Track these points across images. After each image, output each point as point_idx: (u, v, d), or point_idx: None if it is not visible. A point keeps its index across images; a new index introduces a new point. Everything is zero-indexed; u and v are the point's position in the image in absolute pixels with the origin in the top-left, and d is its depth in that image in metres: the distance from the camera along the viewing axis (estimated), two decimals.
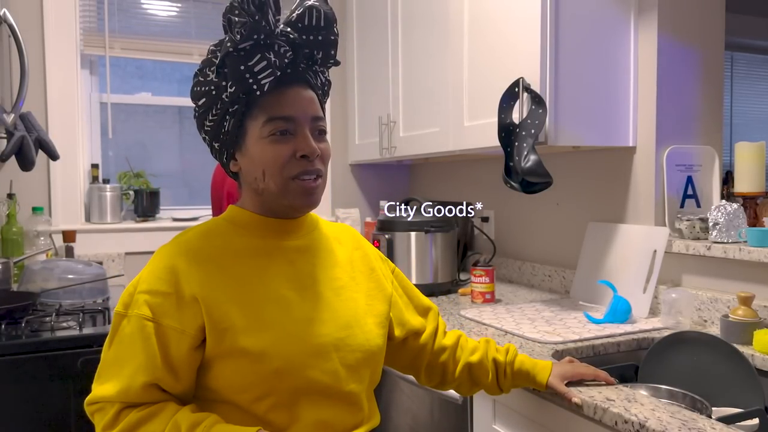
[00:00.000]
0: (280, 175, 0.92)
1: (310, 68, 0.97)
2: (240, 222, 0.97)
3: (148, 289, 0.88)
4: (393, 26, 2.37)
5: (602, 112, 1.69)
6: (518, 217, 2.26)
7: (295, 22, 0.93)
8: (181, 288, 0.88)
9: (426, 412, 1.62)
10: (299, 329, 0.91)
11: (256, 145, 0.93)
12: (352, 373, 0.95)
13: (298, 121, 0.93)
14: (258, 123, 0.92)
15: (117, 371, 0.86)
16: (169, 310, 0.87)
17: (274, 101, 0.92)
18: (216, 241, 0.94)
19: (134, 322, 0.87)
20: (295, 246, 0.98)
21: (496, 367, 1.13)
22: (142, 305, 0.87)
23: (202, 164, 2.84)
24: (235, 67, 0.88)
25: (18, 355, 1.48)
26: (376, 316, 1.02)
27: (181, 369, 0.87)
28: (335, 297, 0.97)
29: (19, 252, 2.25)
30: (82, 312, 1.71)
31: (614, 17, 1.69)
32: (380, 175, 2.99)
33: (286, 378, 0.88)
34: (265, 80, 0.89)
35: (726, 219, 1.52)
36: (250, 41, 0.88)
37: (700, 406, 1.17)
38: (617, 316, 1.55)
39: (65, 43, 2.43)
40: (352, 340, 0.95)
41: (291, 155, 0.92)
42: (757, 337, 1.32)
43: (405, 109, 2.31)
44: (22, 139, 1.56)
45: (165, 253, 0.92)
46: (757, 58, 3.95)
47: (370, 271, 1.07)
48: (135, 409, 0.85)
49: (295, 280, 0.95)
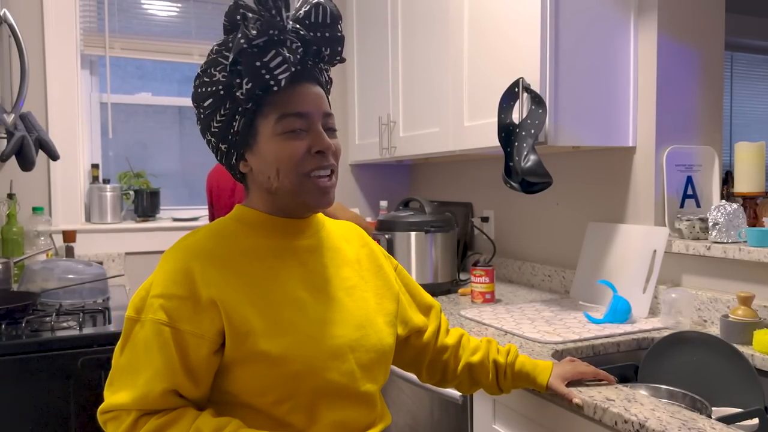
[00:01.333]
0: (295, 171, 0.91)
1: (317, 65, 0.97)
2: (250, 222, 0.96)
3: (162, 292, 0.86)
4: (393, 26, 2.37)
5: (602, 112, 1.69)
6: (518, 217, 2.27)
7: (303, 19, 0.93)
8: (198, 291, 0.86)
9: (426, 412, 1.62)
10: (316, 331, 0.91)
11: (269, 143, 0.92)
12: (367, 373, 0.95)
13: (311, 117, 0.92)
14: (270, 121, 0.91)
15: (132, 378, 0.84)
16: (187, 314, 0.85)
17: (286, 98, 0.91)
18: (226, 241, 0.93)
19: (149, 327, 0.85)
20: (304, 246, 0.98)
21: (496, 368, 1.13)
22: (158, 310, 0.85)
23: (202, 164, 2.84)
24: (251, 64, 0.87)
25: (18, 355, 1.48)
26: (386, 315, 1.02)
27: (200, 374, 0.86)
28: (347, 297, 0.97)
29: (20, 252, 2.25)
30: (83, 312, 1.71)
31: (614, 17, 1.69)
32: (380, 175, 2.99)
33: (306, 380, 0.88)
34: (281, 76, 0.88)
35: (726, 219, 1.52)
36: (265, 37, 0.87)
37: (700, 406, 1.17)
38: (617, 316, 1.55)
39: (65, 43, 2.43)
40: (366, 340, 0.96)
41: (306, 151, 0.92)
42: (757, 337, 1.32)
43: (405, 109, 2.31)
44: (22, 139, 1.56)
45: (176, 256, 0.89)
46: (757, 58, 3.95)
47: (377, 269, 1.07)
48: (153, 416, 0.84)
49: (307, 281, 0.94)
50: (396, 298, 1.07)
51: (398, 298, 1.08)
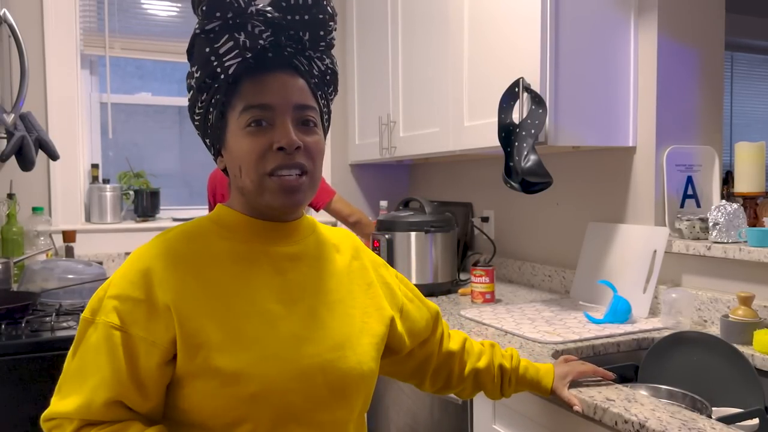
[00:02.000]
0: (255, 170, 0.82)
1: (301, 53, 0.87)
2: (225, 223, 0.87)
3: (118, 293, 0.79)
4: (393, 26, 2.37)
5: (602, 112, 1.69)
6: (518, 217, 2.26)
7: (278, 1, 0.84)
8: (154, 294, 0.78)
9: (426, 412, 1.62)
10: (283, 349, 0.80)
11: (235, 137, 0.84)
12: (340, 399, 0.84)
13: (276, 109, 0.83)
14: (236, 113, 0.84)
15: (79, 385, 0.78)
16: (140, 318, 0.77)
17: (251, 88, 0.83)
18: (197, 243, 0.84)
19: (101, 330, 0.78)
20: (285, 253, 0.88)
21: (502, 373, 1.10)
22: (110, 312, 0.78)
23: (202, 164, 2.84)
24: (201, 50, 0.81)
25: (18, 355, 1.48)
26: (372, 336, 0.90)
27: (149, 385, 0.78)
28: (328, 312, 0.87)
29: (19, 252, 2.25)
30: (82, 312, 1.71)
31: (614, 17, 1.69)
32: (380, 175, 2.99)
33: (264, 403, 0.78)
34: (230, 62, 0.81)
35: (726, 219, 1.52)
36: (218, 21, 0.80)
37: (700, 406, 1.17)
38: (617, 316, 1.55)
39: (65, 43, 2.43)
40: (342, 362, 0.84)
41: (267, 148, 0.82)
42: (757, 337, 1.32)
43: (405, 109, 2.31)
44: (22, 139, 1.56)
45: (141, 255, 0.82)
46: (757, 58, 3.95)
47: (367, 287, 0.95)
48: (95, 427, 0.77)
49: (283, 291, 0.85)
50: (387, 321, 0.94)
51: (389, 322, 0.95)
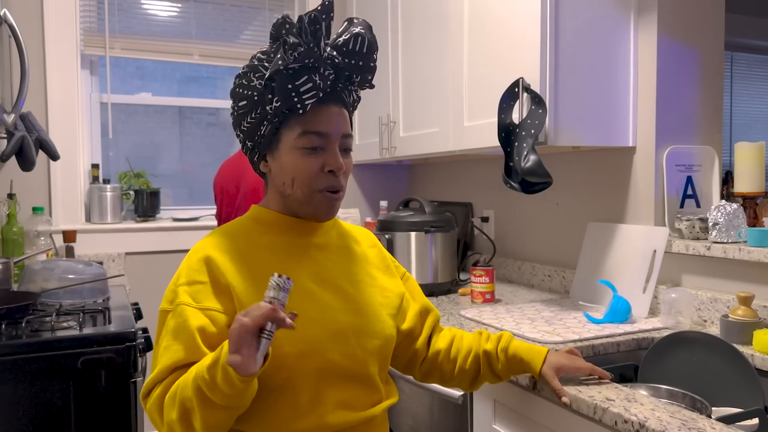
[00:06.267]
0: (308, 186, 1.00)
1: (347, 88, 1.04)
2: (264, 220, 1.05)
3: (186, 281, 0.95)
4: (393, 26, 2.37)
5: (602, 112, 1.69)
6: (518, 217, 2.27)
7: (341, 47, 1.00)
8: (215, 277, 0.95)
9: (426, 412, 1.62)
10: (320, 316, 0.98)
11: (289, 153, 1.00)
12: (369, 356, 1.02)
13: (330, 137, 1.00)
14: (293, 133, 0.99)
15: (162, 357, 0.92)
16: (208, 295, 0.94)
17: (311, 116, 0.99)
18: (243, 238, 1.02)
19: (178, 312, 0.93)
20: (315, 243, 1.06)
21: (488, 357, 1.15)
22: (183, 295, 0.94)
23: (202, 164, 2.84)
24: (283, 85, 0.95)
25: (18, 355, 1.48)
26: (390, 309, 1.09)
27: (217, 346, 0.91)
28: (353, 289, 1.05)
29: (20, 252, 2.25)
30: (83, 312, 1.71)
31: (614, 17, 1.69)
32: (380, 175, 2.99)
33: (309, 360, 0.94)
34: (308, 101, 0.96)
35: (726, 219, 1.52)
36: (300, 63, 0.95)
37: (699, 406, 1.17)
38: (617, 316, 1.55)
39: (65, 43, 2.43)
40: (368, 327, 1.03)
41: (319, 169, 1.00)
42: (757, 337, 1.32)
43: (405, 109, 2.31)
44: (22, 139, 1.56)
45: (198, 249, 0.99)
46: (757, 58, 3.95)
47: (385, 268, 1.15)
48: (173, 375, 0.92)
49: (315, 273, 1.02)
50: (401, 296, 1.13)
51: (403, 297, 1.14)
